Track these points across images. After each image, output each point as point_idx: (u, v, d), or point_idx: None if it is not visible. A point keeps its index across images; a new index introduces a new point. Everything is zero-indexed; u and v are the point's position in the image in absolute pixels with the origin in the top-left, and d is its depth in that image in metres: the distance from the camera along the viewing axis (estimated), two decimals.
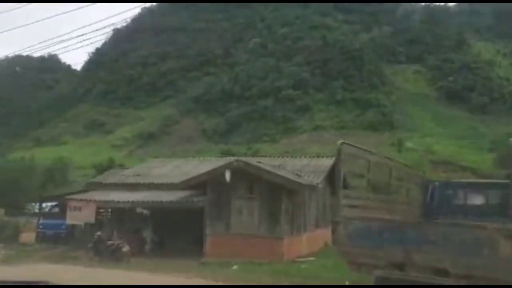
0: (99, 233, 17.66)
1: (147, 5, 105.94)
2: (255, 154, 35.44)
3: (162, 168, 22.20)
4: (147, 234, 18.77)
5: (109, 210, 20.95)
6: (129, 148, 75.83)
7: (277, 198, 16.70)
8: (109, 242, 17.40)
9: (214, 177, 17.24)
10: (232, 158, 20.07)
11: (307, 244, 18.27)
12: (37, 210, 27.70)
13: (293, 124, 74.44)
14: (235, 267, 13.63)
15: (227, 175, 16.48)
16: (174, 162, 23.48)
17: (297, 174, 18.34)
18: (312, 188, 18.00)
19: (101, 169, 38.00)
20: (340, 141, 8.17)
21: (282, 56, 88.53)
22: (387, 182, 9.91)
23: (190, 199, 17.68)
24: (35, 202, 28.03)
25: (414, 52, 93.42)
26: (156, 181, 20.21)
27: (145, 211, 19.30)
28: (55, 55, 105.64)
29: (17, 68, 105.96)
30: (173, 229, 18.89)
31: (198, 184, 17.71)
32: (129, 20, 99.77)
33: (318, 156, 21.81)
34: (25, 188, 32.06)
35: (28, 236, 23.54)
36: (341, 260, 8.85)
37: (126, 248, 16.88)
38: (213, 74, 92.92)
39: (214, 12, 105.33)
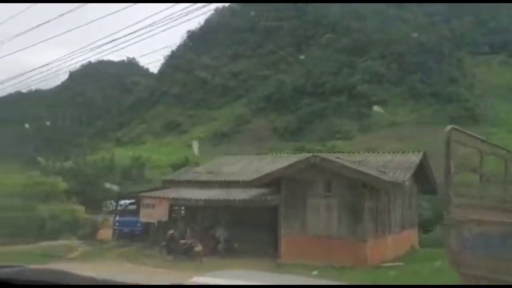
0: (172, 231, 17.11)
1: (219, 6, 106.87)
2: (330, 151, 33.82)
3: (233, 165, 21.32)
4: (220, 233, 17.94)
5: (182, 208, 20.46)
6: (204, 147, 76.77)
7: (359, 196, 15.13)
8: (182, 241, 16.81)
9: (289, 174, 16.01)
10: (307, 154, 18.73)
11: (392, 247, 16.50)
12: (114, 207, 28.09)
13: (368, 121, 71.43)
14: (315, 272, 12.31)
15: None
16: (246, 159, 22.53)
17: (380, 171, 16.60)
18: (397, 185, 16.20)
19: (177, 168, 38.23)
20: (449, 127, 6.48)
21: (355, 51, 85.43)
22: (503, 177, 8.07)
23: (264, 198, 16.60)
24: (113, 200, 28.50)
25: (499, 42, 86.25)
26: (228, 178, 19.35)
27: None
28: (134, 59, 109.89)
29: (99, 73, 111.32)
30: (245, 228, 17.89)
31: (271, 182, 16.58)
32: (202, 22, 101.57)
33: (403, 152, 19.80)
34: (104, 185, 32.78)
35: (105, 233, 23.77)
36: (441, 267, 7.16)
37: (198, 248, 16.19)
38: (284, 72, 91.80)
39: (285, 10, 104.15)
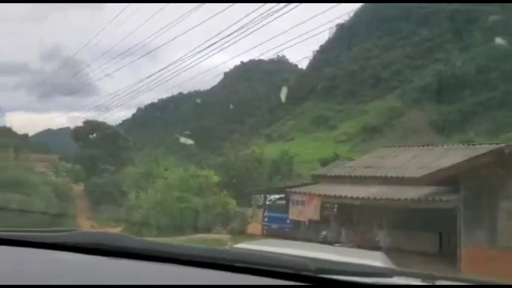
0: (324, 232, 14.94)
1: None
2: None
3: (395, 159, 18.27)
4: (381, 237, 15.22)
5: (335, 206, 18.19)
6: (353, 142, 73.97)
7: None
8: (336, 245, 14.54)
9: (473, 169, 12.60)
10: (490, 146, 14.92)
11: None
12: (263, 202, 27.08)
13: None
14: None
15: None
16: (410, 152, 19.22)
17: None
18: None
19: (326, 163, 36.32)
20: None
21: None
22: None
23: (438, 198, 13.41)
24: (262, 194, 27.55)
25: None
26: (389, 174, 16.46)
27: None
28: (283, 56, 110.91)
29: (250, 72, 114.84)
30: (410, 234, 14.86)
31: (447, 179, 13.32)
32: (351, 14, 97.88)
33: None
34: (254, 179, 32.16)
35: (255, 228, 22.69)
36: None
37: None
38: (442, 61, 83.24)
39: None
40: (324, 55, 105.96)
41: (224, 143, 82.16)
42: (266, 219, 21.66)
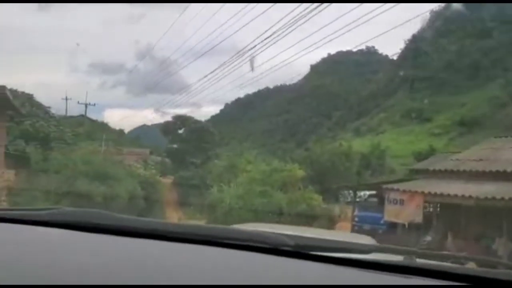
0: (429, 238, 12.37)
1: None
2: None
3: None
4: (500, 245, 12.32)
5: (438, 206, 15.40)
6: (449, 136, 68.73)
7: None
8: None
9: None
10: None
11: None
12: (352, 199, 24.72)
13: None
14: None
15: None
16: None
17: None
18: None
19: (420, 158, 32.90)
20: None
21: None
22: None
23: None
24: (351, 190, 25.15)
25: None
26: (510, 168, 13.40)
27: None
28: (373, 47, 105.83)
29: (338, 64, 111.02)
30: None
31: None
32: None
33: None
34: (341, 174, 29.73)
35: (343, 227, 20.45)
36: None
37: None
38: None
39: None
40: (417, 44, 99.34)
41: (310, 137, 80.00)
42: (356, 218, 19.26)
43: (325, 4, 16.74)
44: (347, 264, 1.25)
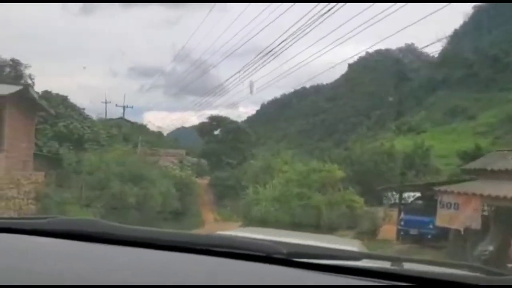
0: (491, 248, 10.73)
1: None
2: None
3: None
4: None
5: (496, 209, 13.62)
6: (495, 134, 65.34)
7: None
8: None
9: None
10: None
11: None
12: (396, 201, 23.03)
13: None
14: None
15: None
16: None
17: None
18: None
19: (466, 158, 30.68)
20: None
21: None
22: None
23: None
24: (394, 192, 23.45)
25: None
26: None
27: None
28: (412, 44, 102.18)
29: (377, 63, 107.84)
30: None
31: None
32: None
33: None
34: (384, 175, 27.95)
35: (388, 232, 18.88)
36: None
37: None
38: None
39: None
40: (459, 40, 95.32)
41: (349, 137, 77.83)
42: (402, 222, 17.62)
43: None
44: (338, 271, 1.26)
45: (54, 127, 21.81)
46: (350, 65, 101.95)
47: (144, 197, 20.61)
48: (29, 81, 25.55)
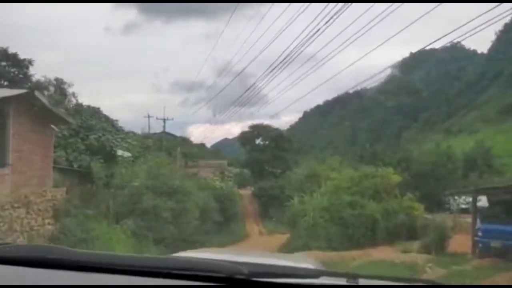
0: None
1: None
2: None
3: None
4: None
5: None
6: None
7: None
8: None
9: None
10: None
11: None
12: (464, 206, 19.72)
13: None
14: None
15: None
16: None
17: None
18: None
19: None
20: None
21: None
22: None
23: None
24: (456, 196, 20.19)
25: None
26: None
27: None
28: (458, 42, 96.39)
29: (421, 63, 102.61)
30: None
31: None
32: None
33: None
34: (444, 178, 24.57)
35: (460, 244, 15.66)
36: None
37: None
38: None
39: None
40: (510, 35, 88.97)
41: (397, 140, 73.57)
42: (479, 233, 14.39)
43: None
44: None
45: (86, 140, 20.25)
46: (393, 67, 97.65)
47: (180, 211, 18.58)
48: (73, 100, 24.49)
